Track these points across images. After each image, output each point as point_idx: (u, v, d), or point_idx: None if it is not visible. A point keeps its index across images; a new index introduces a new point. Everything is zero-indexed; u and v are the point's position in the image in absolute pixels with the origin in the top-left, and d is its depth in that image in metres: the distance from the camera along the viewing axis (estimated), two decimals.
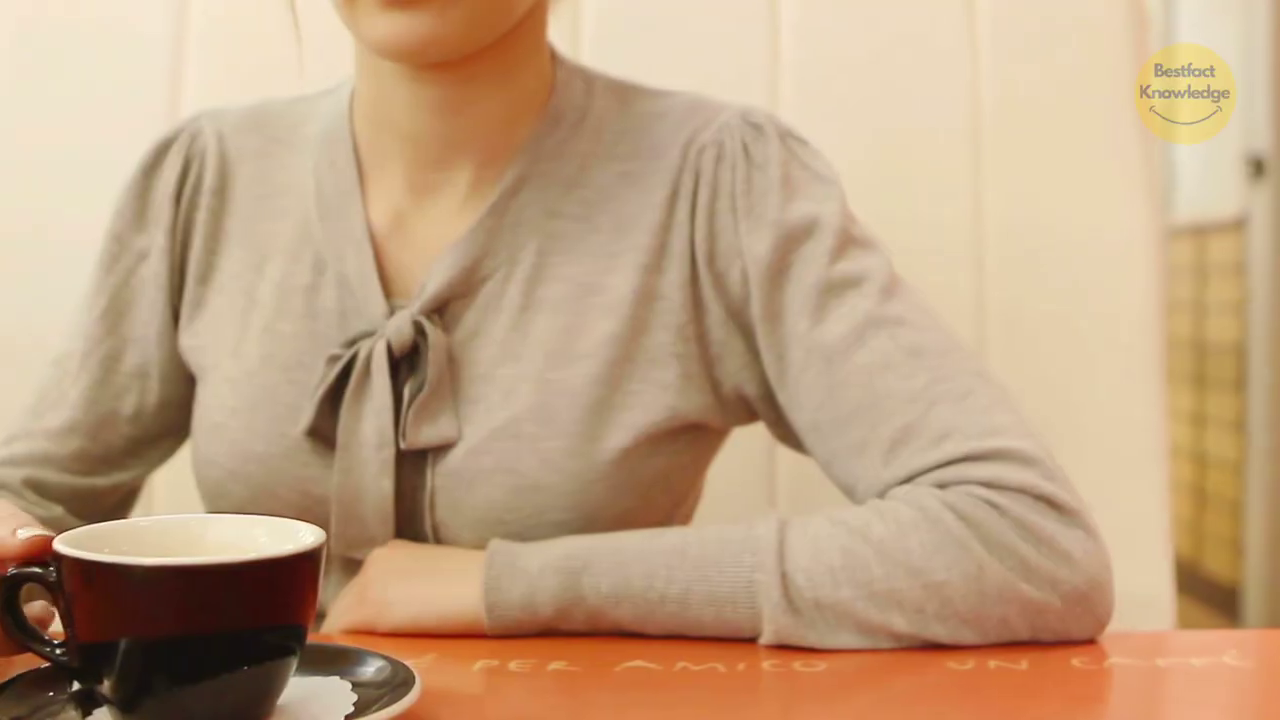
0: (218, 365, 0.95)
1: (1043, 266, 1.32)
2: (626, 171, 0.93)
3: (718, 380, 0.91)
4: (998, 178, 1.33)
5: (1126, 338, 1.32)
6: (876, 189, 0.94)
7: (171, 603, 0.58)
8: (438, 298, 0.90)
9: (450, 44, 0.83)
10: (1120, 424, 1.30)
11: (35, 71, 1.35)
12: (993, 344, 1.29)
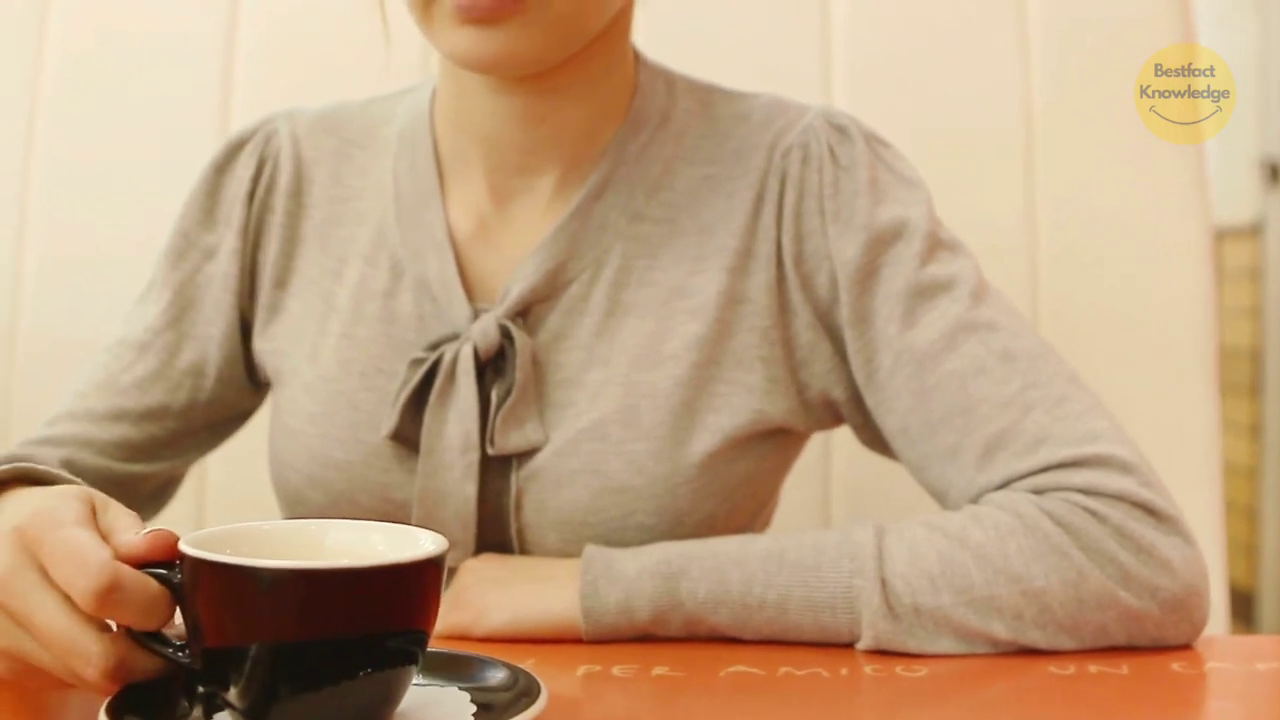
0: (295, 371, 0.95)
1: (1095, 265, 1.33)
2: (710, 174, 0.92)
3: (804, 383, 0.91)
4: (1050, 176, 1.34)
5: (1179, 340, 1.32)
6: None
7: (297, 606, 0.58)
8: (522, 301, 0.90)
9: (529, 60, 0.83)
10: (1172, 428, 1.30)
11: (89, 86, 1.36)
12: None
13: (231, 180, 0.98)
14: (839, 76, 1.35)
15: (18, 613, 0.62)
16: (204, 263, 0.98)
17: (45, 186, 1.35)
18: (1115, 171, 1.35)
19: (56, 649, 0.61)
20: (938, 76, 1.36)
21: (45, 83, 1.36)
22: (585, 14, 0.84)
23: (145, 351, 0.96)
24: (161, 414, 0.96)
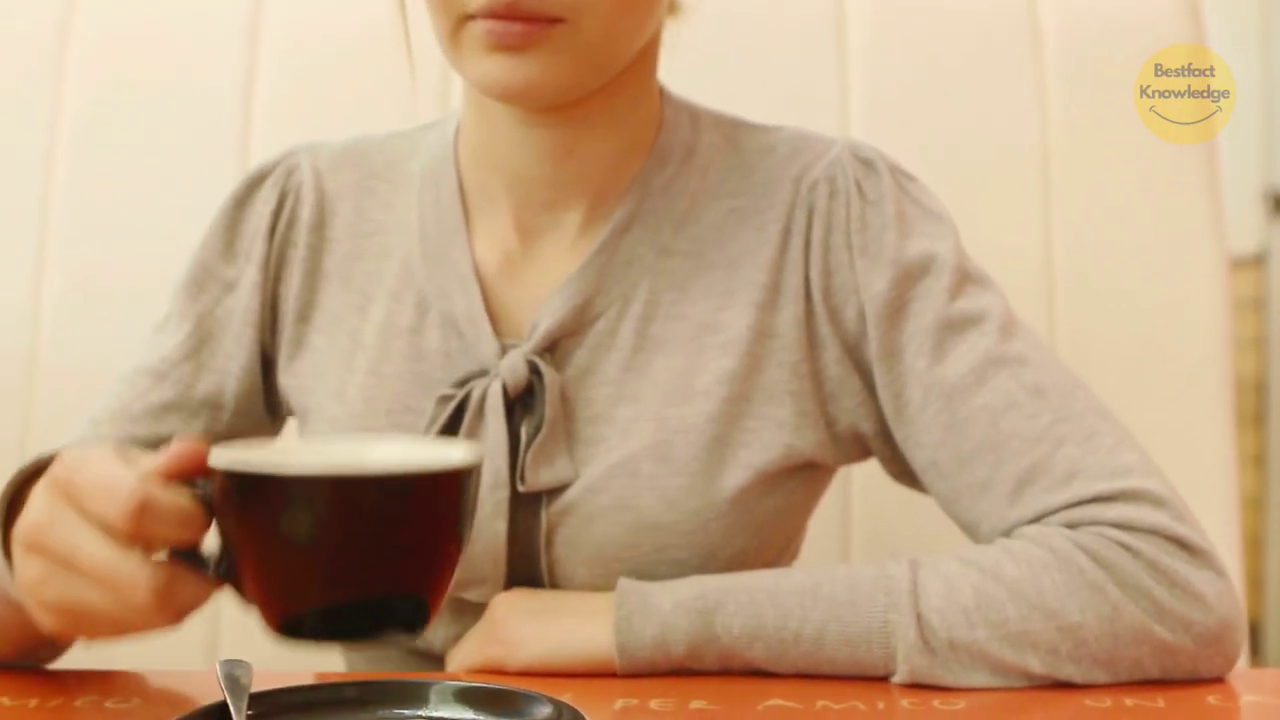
0: (321, 407, 0.94)
1: (1111, 295, 1.33)
2: (737, 208, 0.92)
3: (833, 417, 0.91)
4: (1066, 206, 1.34)
5: (1196, 371, 1.32)
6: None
7: (327, 513, 0.58)
8: (549, 336, 0.89)
9: (557, 88, 0.83)
10: (1189, 459, 1.30)
11: (109, 120, 1.37)
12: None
13: (252, 214, 0.97)
14: (856, 108, 1.35)
15: (63, 554, 0.64)
16: (224, 296, 0.97)
17: (64, 220, 1.35)
18: (1131, 202, 1.36)
19: (105, 580, 0.63)
20: (954, 108, 1.37)
21: (65, 115, 1.36)
22: (614, 43, 0.84)
23: (161, 380, 0.95)
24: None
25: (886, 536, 1.31)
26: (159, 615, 0.63)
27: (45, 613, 0.67)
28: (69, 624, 0.67)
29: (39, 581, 0.66)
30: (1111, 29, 1.39)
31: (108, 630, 0.67)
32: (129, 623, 0.65)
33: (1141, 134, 1.35)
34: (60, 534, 0.64)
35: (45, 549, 0.65)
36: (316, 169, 0.98)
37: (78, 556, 0.64)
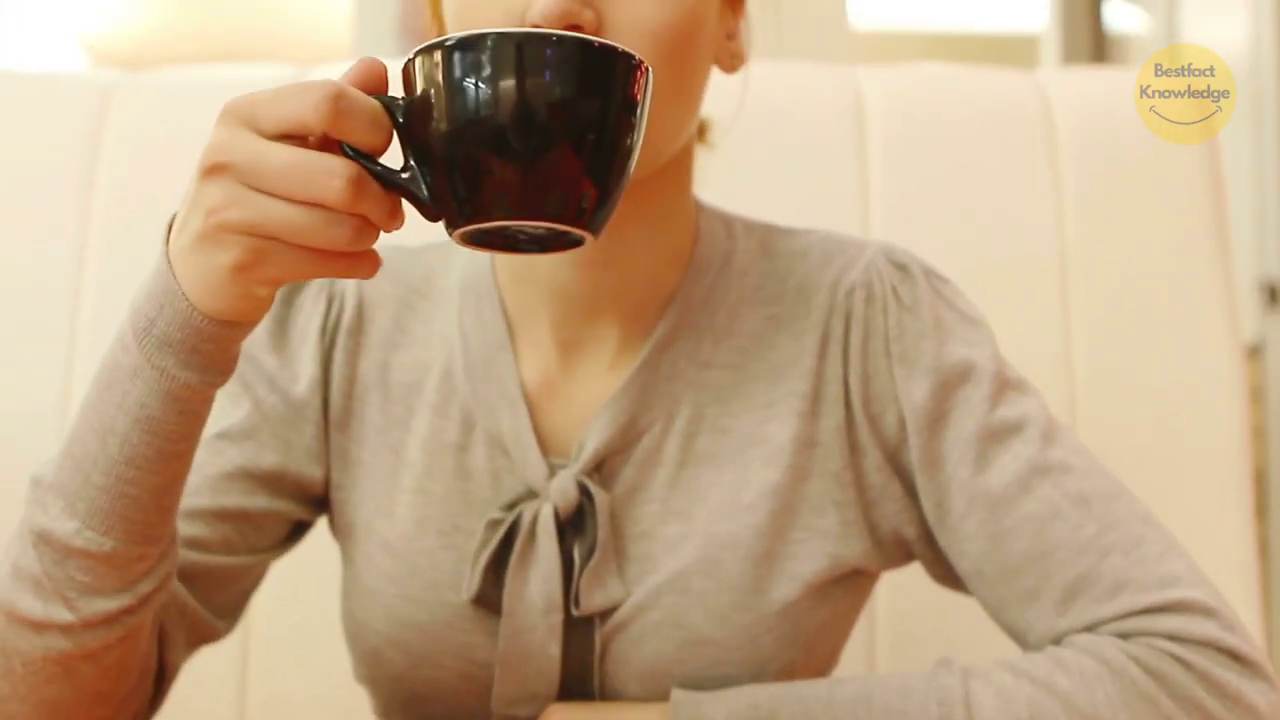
0: (369, 525, 0.93)
1: (1131, 388, 1.35)
2: (774, 315, 0.92)
3: (875, 523, 0.91)
4: (1084, 303, 1.36)
5: (1214, 463, 1.34)
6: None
7: (521, 71, 0.62)
8: (597, 456, 0.89)
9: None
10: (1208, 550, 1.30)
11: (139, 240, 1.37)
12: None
13: (299, 313, 0.96)
14: (876, 210, 1.37)
15: (248, 162, 0.63)
16: (269, 391, 0.95)
17: (94, 325, 1.36)
18: (1147, 297, 1.38)
19: (297, 176, 0.63)
20: (973, 209, 1.39)
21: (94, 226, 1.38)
22: (650, 142, 0.81)
23: (219, 456, 0.92)
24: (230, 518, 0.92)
25: (912, 636, 1.31)
26: (349, 225, 0.64)
27: (227, 246, 0.65)
28: (251, 256, 0.65)
29: (223, 204, 0.64)
30: (1124, 127, 1.42)
31: (290, 263, 0.66)
32: (315, 238, 0.64)
33: (1155, 231, 1.39)
34: (243, 145, 0.64)
35: (229, 166, 0.64)
36: None
37: (267, 160, 0.63)
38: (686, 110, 0.86)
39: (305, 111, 0.63)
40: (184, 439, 0.74)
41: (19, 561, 0.77)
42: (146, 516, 0.75)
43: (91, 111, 1.41)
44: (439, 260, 0.99)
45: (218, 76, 1.48)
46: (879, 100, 1.41)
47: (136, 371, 0.71)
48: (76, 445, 0.75)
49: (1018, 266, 1.37)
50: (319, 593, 1.08)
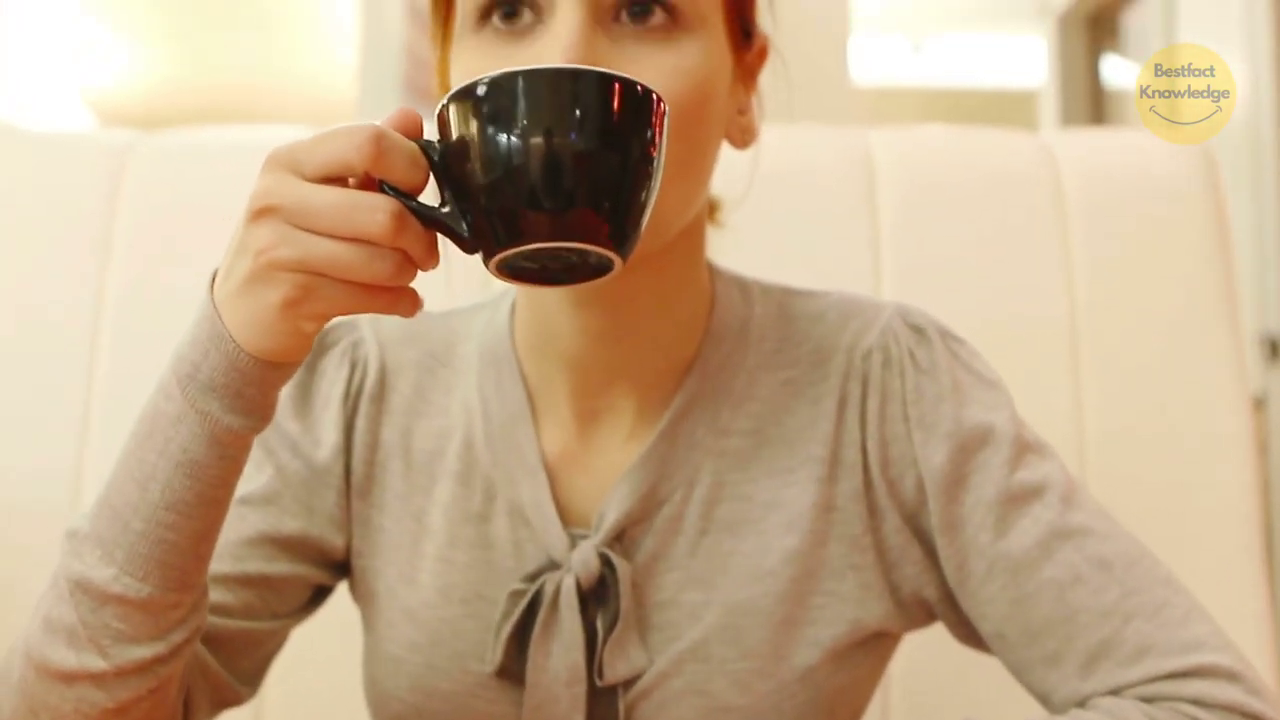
0: (391, 592, 0.93)
1: (1142, 454, 1.35)
2: (791, 379, 0.92)
3: (895, 584, 0.90)
4: (1095, 363, 1.36)
5: (1226, 526, 1.34)
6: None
7: (553, 105, 0.65)
8: (618, 526, 0.89)
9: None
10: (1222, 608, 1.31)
11: (153, 309, 1.38)
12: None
13: (323, 380, 0.97)
14: (887, 274, 1.38)
15: (294, 203, 0.66)
16: (293, 457, 0.95)
17: (107, 387, 1.37)
18: (1156, 355, 1.38)
19: (342, 214, 0.66)
20: (982, 270, 1.39)
21: (109, 294, 1.38)
22: (660, 213, 0.80)
23: (241, 521, 0.92)
24: (251, 582, 0.92)
25: (926, 695, 1.31)
26: (391, 260, 0.66)
27: (277, 283, 0.68)
28: (299, 292, 0.68)
29: (272, 243, 0.67)
30: (1130, 187, 1.43)
31: (336, 298, 0.68)
32: (360, 272, 0.67)
33: (1163, 287, 1.39)
34: (289, 189, 0.67)
35: (277, 208, 0.66)
36: (380, 341, 0.98)
37: (311, 201, 0.66)
38: (696, 184, 0.86)
39: (348, 151, 0.66)
40: (224, 484, 0.76)
41: (51, 614, 0.78)
42: (183, 563, 0.76)
43: (108, 171, 1.42)
44: (459, 325, 0.99)
45: (233, 137, 1.49)
46: (889, 162, 1.42)
47: (180, 417, 0.73)
48: (115, 495, 0.76)
49: (1028, 325, 1.38)
50: (331, 656, 1.08)
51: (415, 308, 0.71)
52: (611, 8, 0.80)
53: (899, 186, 1.41)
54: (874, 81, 6.34)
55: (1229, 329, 1.40)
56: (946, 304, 1.32)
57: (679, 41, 0.81)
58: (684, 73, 0.81)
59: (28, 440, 1.36)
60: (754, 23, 0.91)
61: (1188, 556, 1.29)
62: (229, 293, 0.70)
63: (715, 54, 0.84)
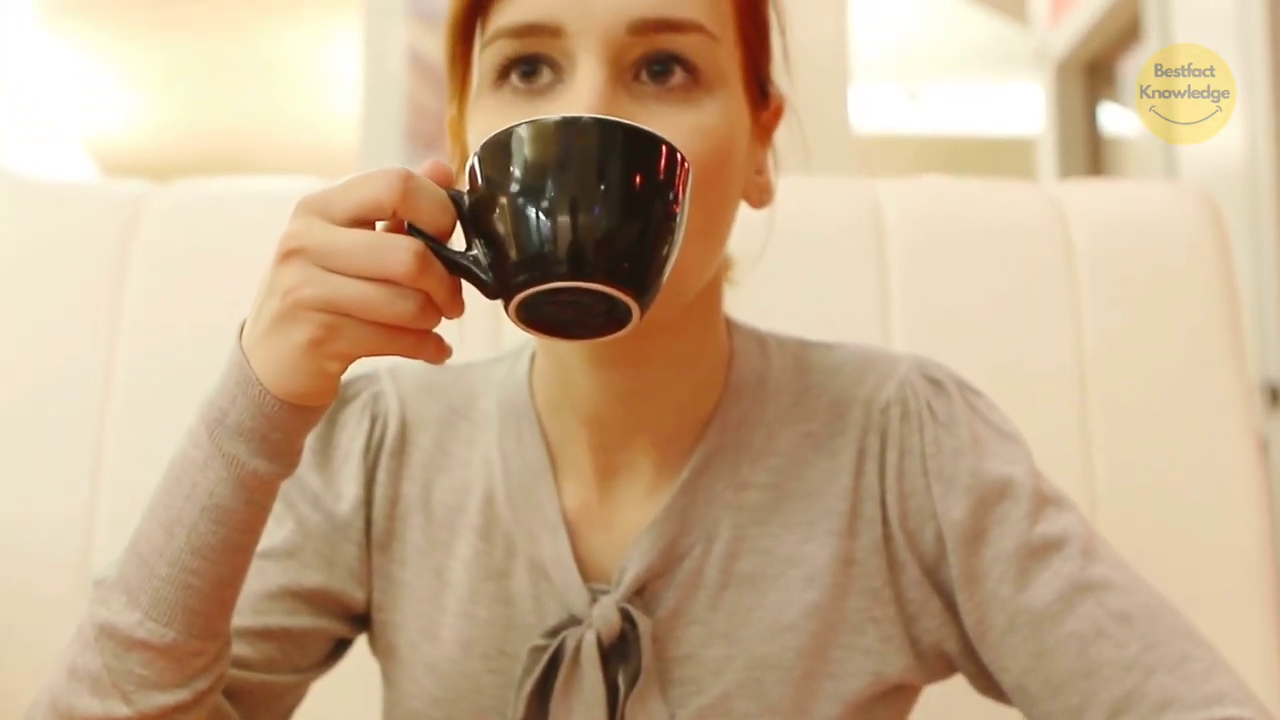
0: (413, 646, 0.94)
1: (1151, 502, 1.35)
2: (809, 432, 0.92)
3: (915, 637, 0.90)
4: (1103, 417, 1.37)
5: (1236, 572, 1.34)
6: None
7: (583, 151, 0.67)
8: (638, 581, 0.89)
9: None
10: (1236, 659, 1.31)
11: (164, 356, 1.39)
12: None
13: (343, 433, 0.97)
14: (896, 327, 1.39)
15: (321, 245, 0.68)
16: (313, 510, 0.95)
17: (119, 437, 1.37)
18: (1164, 404, 1.38)
19: (366, 253, 0.68)
20: (990, 321, 1.40)
21: (122, 342, 1.39)
22: (679, 275, 0.80)
23: (262, 575, 0.92)
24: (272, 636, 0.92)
25: None
26: (414, 300, 0.68)
27: (302, 322, 0.69)
28: (324, 331, 0.69)
29: (298, 284, 0.69)
30: (1137, 238, 1.44)
31: (360, 338, 0.69)
32: (383, 311, 0.68)
33: (1171, 336, 1.40)
34: (316, 233, 0.69)
35: (303, 250, 0.69)
36: (400, 395, 0.98)
37: (337, 243, 0.68)
38: (715, 245, 0.86)
39: (379, 190, 0.68)
40: (249, 530, 0.77)
41: (76, 662, 0.78)
42: (207, 609, 0.77)
43: (120, 222, 1.42)
44: (478, 379, 0.99)
45: (246, 188, 1.50)
46: (897, 214, 1.43)
47: (207, 462, 0.74)
48: (141, 541, 0.77)
49: (1037, 376, 1.38)
50: (352, 712, 1.08)
51: (442, 354, 0.72)
52: (632, 66, 0.81)
53: (907, 238, 1.42)
54: (869, 130, 6.37)
55: (1236, 378, 1.40)
56: (956, 355, 1.32)
57: (699, 101, 0.82)
58: (705, 133, 0.81)
59: (39, 491, 1.36)
60: (770, 81, 0.92)
61: (1200, 602, 1.30)
62: (257, 335, 0.72)
63: (735, 113, 0.85)
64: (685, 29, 0.81)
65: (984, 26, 5.37)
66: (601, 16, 0.79)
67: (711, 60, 0.82)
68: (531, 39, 0.81)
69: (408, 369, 1.00)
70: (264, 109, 6.57)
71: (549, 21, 0.80)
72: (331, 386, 0.73)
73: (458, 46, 0.87)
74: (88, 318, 1.40)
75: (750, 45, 0.88)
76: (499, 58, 0.82)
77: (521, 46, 0.81)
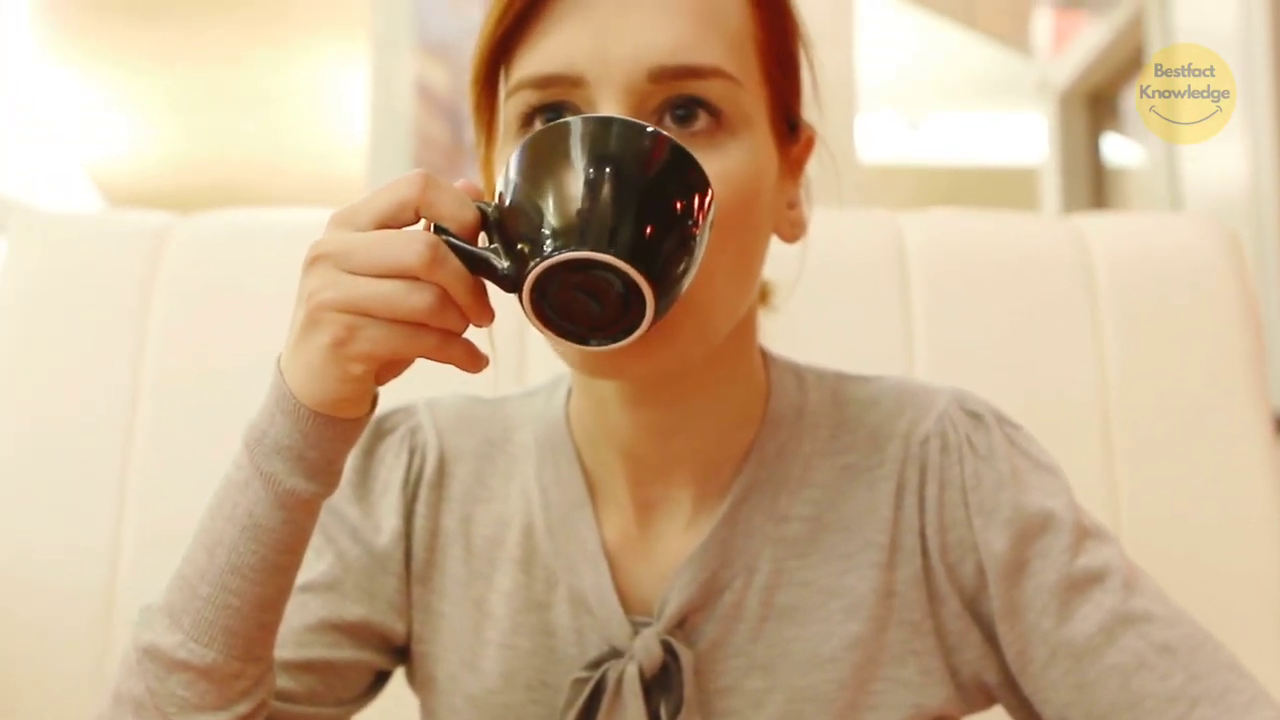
0: (453, 678, 0.94)
1: (1174, 532, 1.36)
2: (848, 465, 0.92)
3: (955, 668, 0.90)
4: (1126, 448, 1.37)
5: (1257, 601, 1.34)
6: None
7: (618, 151, 0.69)
8: (679, 614, 0.89)
9: (661, 362, 0.81)
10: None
11: (189, 383, 1.39)
12: None
13: (381, 465, 0.97)
14: (920, 354, 1.39)
15: (341, 249, 0.70)
16: (353, 544, 0.95)
17: (144, 465, 1.37)
18: (1187, 434, 1.39)
19: (380, 250, 0.69)
20: (1015, 355, 1.40)
21: (146, 370, 1.39)
22: (713, 314, 0.83)
23: (303, 609, 0.92)
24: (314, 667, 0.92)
25: None
26: (430, 293, 0.69)
27: (324, 325, 0.71)
28: (345, 332, 0.70)
29: (319, 287, 0.70)
30: (1160, 269, 1.45)
31: (380, 337, 0.70)
32: (399, 306, 0.69)
33: (1193, 367, 1.40)
34: (340, 238, 0.71)
35: (326, 255, 0.70)
36: (438, 428, 0.98)
37: (355, 243, 0.70)
38: (746, 284, 0.86)
39: (399, 190, 0.70)
40: (289, 550, 0.77)
41: (120, 687, 0.79)
42: (247, 630, 0.78)
43: (144, 254, 1.43)
44: (514, 411, 0.99)
45: (269, 219, 1.50)
46: (920, 245, 1.44)
47: (247, 483, 0.76)
48: (186, 565, 0.78)
49: (1060, 407, 1.38)
50: None
51: (474, 361, 0.73)
52: (655, 112, 0.81)
53: (930, 269, 1.43)
54: (870, 159, 6.38)
55: (1258, 407, 1.41)
56: (979, 385, 1.31)
57: (724, 145, 0.81)
58: (729, 177, 0.80)
59: (64, 521, 1.36)
60: (799, 116, 0.92)
61: (1220, 631, 1.30)
62: (289, 347, 0.74)
63: (761, 153, 0.84)
64: (706, 75, 0.81)
65: (986, 56, 5.39)
66: (621, 65, 0.79)
67: (735, 104, 0.82)
68: (554, 89, 0.81)
69: (444, 403, 1.00)
70: (267, 139, 6.58)
71: (569, 72, 0.80)
72: (361, 394, 0.74)
73: (482, 95, 0.87)
74: (112, 349, 1.40)
75: (776, 84, 0.87)
76: (522, 107, 0.82)
77: (544, 96, 0.81)
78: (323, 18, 5.21)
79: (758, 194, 0.84)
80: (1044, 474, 0.92)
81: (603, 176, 0.68)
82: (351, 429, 0.76)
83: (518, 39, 0.83)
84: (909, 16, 4.96)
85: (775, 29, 0.87)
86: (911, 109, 6.51)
